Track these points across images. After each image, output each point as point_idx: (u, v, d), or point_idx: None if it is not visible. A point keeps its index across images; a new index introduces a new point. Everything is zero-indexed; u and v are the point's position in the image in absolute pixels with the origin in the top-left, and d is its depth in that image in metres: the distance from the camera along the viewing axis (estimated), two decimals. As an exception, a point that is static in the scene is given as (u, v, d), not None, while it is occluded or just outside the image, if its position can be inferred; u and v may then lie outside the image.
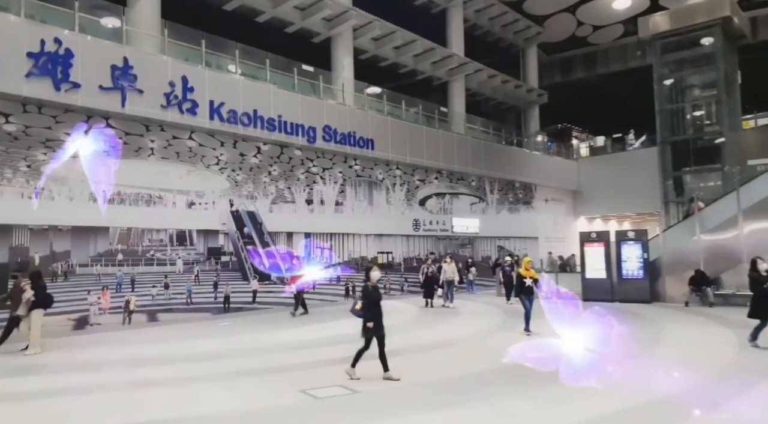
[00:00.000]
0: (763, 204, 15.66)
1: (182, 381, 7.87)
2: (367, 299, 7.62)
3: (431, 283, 17.36)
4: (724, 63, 24.51)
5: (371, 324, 7.44)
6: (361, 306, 7.60)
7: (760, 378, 7.32)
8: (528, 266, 11.79)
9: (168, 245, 15.71)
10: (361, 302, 7.66)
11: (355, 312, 7.68)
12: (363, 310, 7.56)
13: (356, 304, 7.69)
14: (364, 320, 7.51)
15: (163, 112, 14.69)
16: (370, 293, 7.68)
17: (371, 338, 7.52)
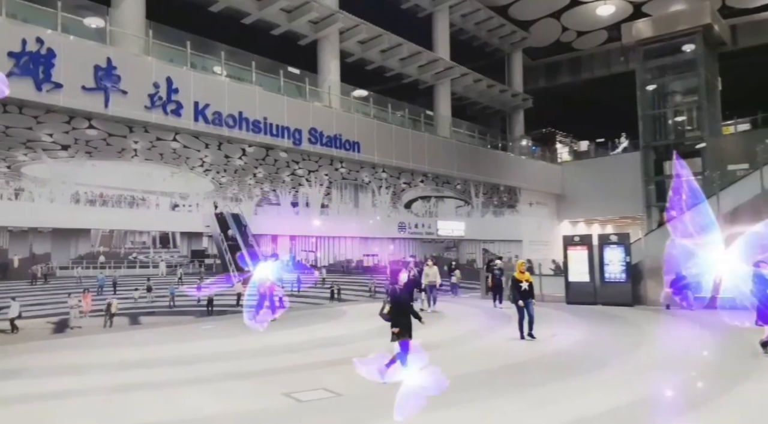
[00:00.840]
0: (742, 209, 15.91)
1: (164, 385, 7.79)
2: (394, 302, 7.39)
3: (413, 287, 16.50)
4: (705, 69, 24.90)
5: (396, 330, 7.24)
6: (389, 309, 7.40)
7: (740, 380, 7.43)
8: (522, 269, 11.20)
9: (151, 248, 15.57)
10: (388, 306, 7.43)
11: (384, 316, 7.46)
12: (390, 314, 7.37)
13: (384, 308, 7.45)
14: (393, 324, 7.31)
15: (147, 113, 14.56)
16: (396, 297, 7.47)
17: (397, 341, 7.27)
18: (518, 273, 11.08)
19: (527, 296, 10.86)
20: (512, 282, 11.18)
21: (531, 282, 10.98)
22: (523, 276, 10.97)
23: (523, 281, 10.90)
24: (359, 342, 11.39)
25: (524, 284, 10.87)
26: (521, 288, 10.86)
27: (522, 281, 10.91)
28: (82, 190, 14.11)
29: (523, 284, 10.88)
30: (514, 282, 11.09)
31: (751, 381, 7.35)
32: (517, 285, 10.93)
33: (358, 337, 12.11)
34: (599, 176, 29.85)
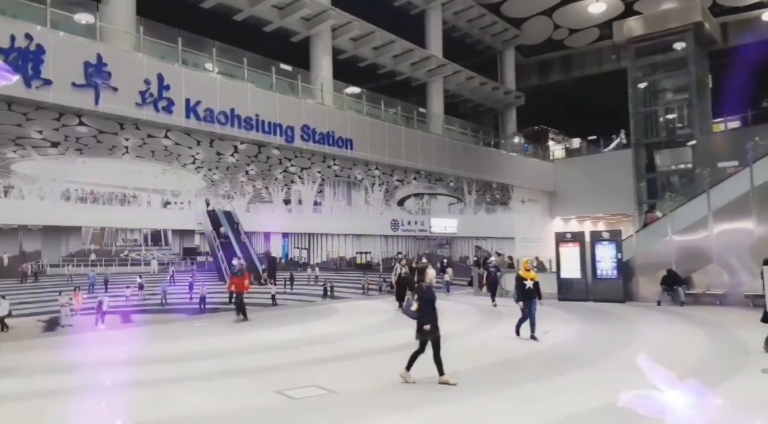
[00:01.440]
0: (732, 205, 16.05)
1: (156, 383, 7.76)
2: (423, 299, 7.23)
3: (404, 285, 16.07)
4: (695, 67, 25.09)
5: (428, 327, 7.09)
6: (418, 307, 7.20)
7: (730, 376, 7.50)
8: (528, 267, 10.68)
9: (142, 245, 15.50)
10: (417, 302, 7.23)
11: (410, 314, 7.29)
12: (419, 311, 7.17)
13: (412, 305, 7.27)
14: (420, 322, 7.15)
15: (138, 110, 14.48)
16: (425, 293, 7.29)
17: (426, 341, 7.18)
18: (523, 271, 10.58)
19: (531, 296, 10.39)
20: (516, 280, 10.63)
21: (537, 281, 10.46)
22: (528, 274, 10.47)
23: (528, 279, 10.39)
24: (352, 339, 11.41)
25: (529, 282, 10.37)
26: (525, 287, 10.37)
27: (527, 280, 10.40)
28: (72, 188, 14.01)
29: (527, 282, 10.37)
30: (518, 280, 10.53)
31: (738, 377, 7.42)
32: (522, 284, 10.42)
33: (351, 334, 12.13)
34: (591, 173, 30.01)
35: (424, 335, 7.14)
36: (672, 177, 27.06)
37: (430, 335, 7.13)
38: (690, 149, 24.86)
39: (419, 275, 7.71)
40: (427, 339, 7.16)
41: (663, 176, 27.09)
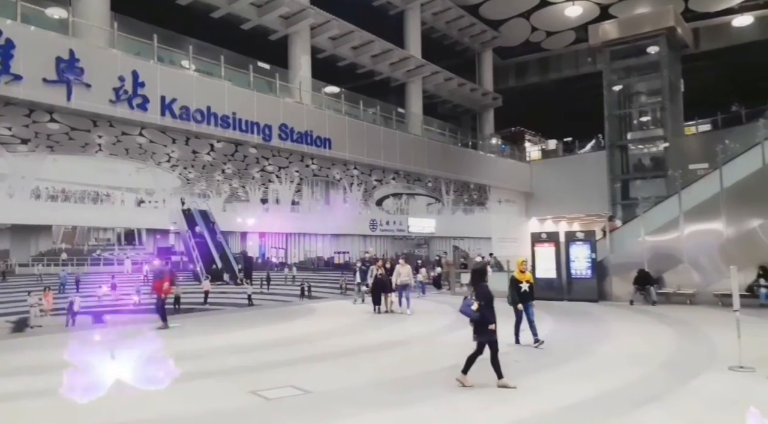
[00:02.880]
0: (702, 207, 16.41)
1: (124, 385, 7.63)
2: (484, 299, 7.01)
3: (381, 287, 15.67)
4: (668, 71, 25.59)
5: (493, 326, 6.92)
6: (478, 307, 6.96)
7: (698, 372, 7.68)
8: (522, 268, 10.09)
9: (116, 245, 15.24)
10: (477, 302, 6.99)
11: (469, 313, 7.05)
12: (479, 311, 6.95)
13: (471, 304, 7.02)
14: (480, 321, 6.95)
15: (112, 107, 14.25)
16: (486, 293, 7.09)
17: (485, 343, 6.98)
18: (518, 273, 10.03)
19: (527, 298, 9.84)
20: (511, 282, 10.03)
21: (532, 283, 9.97)
22: (523, 276, 9.94)
23: (523, 281, 9.86)
24: (329, 339, 11.38)
25: (524, 285, 9.83)
26: (521, 289, 9.83)
27: (522, 282, 9.85)
28: (42, 186, 13.71)
29: (522, 285, 9.83)
30: (513, 283, 9.96)
31: (706, 373, 7.60)
32: (517, 286, 9.86)
33: (327, 334, 12.09)
34: (566, 175, 30.43)
35: (483, 336, 6.94)
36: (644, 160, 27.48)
37: (488, 337, 6.95)
38: (664, 158, 25.36)
39: (480, 275, 7.37)
40: (485, 341, 6.96)
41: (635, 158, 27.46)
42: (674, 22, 25.31)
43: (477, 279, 7.34)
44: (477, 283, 7.27)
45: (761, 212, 15.08)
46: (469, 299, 7.16)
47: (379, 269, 15.92)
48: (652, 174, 26.40)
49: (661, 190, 23.43)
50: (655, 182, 25.98)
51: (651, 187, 26.00)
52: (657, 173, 25.83)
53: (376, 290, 15.64)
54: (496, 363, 7.00)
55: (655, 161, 26.76)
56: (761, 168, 15.24)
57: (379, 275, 15.77)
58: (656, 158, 26.80)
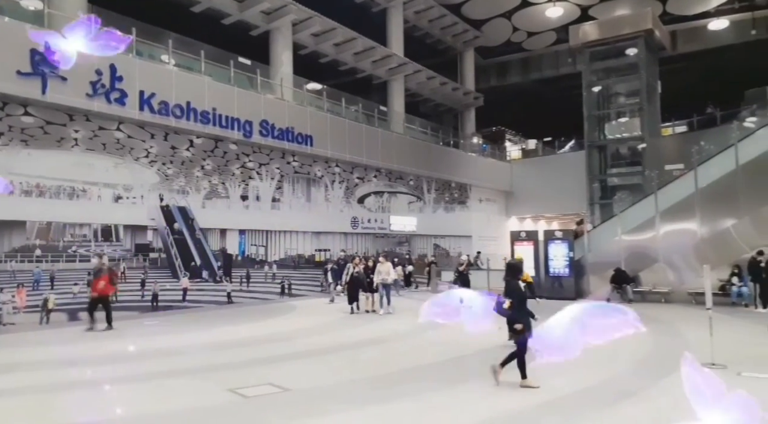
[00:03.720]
0: (677, 207, 16.73)
1: (103, 382, 7.54)
2: (516, 297, 6.99)
3: (357, 286, 15.10)
4: (646, 72, 25.98)
5: (520, 326, 6.86)
6: (510, 305, 6.92)
7: (672, 370, 7.83)
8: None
9: (92, 241, 14.97)
10: (509, 300, 6.94)
11: (503, 312, 6.98)
12: (511, 309, 6.91)
13: (504, 302, 6.96)
14: (512, 319, 6.91)
15: (89, 101, 13.99)
16: (519, 290, 7.04)
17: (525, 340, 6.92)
18: None
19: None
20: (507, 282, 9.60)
21: (531, 283, 9.02)
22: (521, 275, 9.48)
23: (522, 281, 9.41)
24: (308, 337, 11.35)
25: (522, 284, 9.30)
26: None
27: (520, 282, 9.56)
28: (17, 180, 13.40)
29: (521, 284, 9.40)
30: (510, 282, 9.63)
31: (678, 371, 7.73)
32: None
33: (307, 332, 12.06)
34: (546, 174, 30.72)
35: (518, 334, 6.88)
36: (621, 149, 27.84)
37: (517, 336, 6.89)
38: (641, 159, 25.75)
39: (515, 271, 7.25)
40: (520, 339, 6.91)
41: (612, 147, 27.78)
42: (652, 25, 25.69)
43: (511, 275, 7.23)
44: (510, 279, 7.17)
45: (734, 212, 15.42)
46: (501, 297, 7.09)
47: (355, 267, 15.35)
48: (629, 173, 26.78)
49: (638, 190, 23.79)
50: (633, 182, 26.38)
51: (628, 188, 26.43)
52: (634, 173, 26.21)
53: (352, 289, 15.10)
54: (522, 363, 6.90)
55: (633, 161, 27.15)
56: (735, 169, 15.56)
57: (356, 273, 15.19)
58: (634, 158, 27.19)
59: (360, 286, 15.12)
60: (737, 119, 21.61)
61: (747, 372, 7.36)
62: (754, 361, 8.03)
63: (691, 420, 5.69)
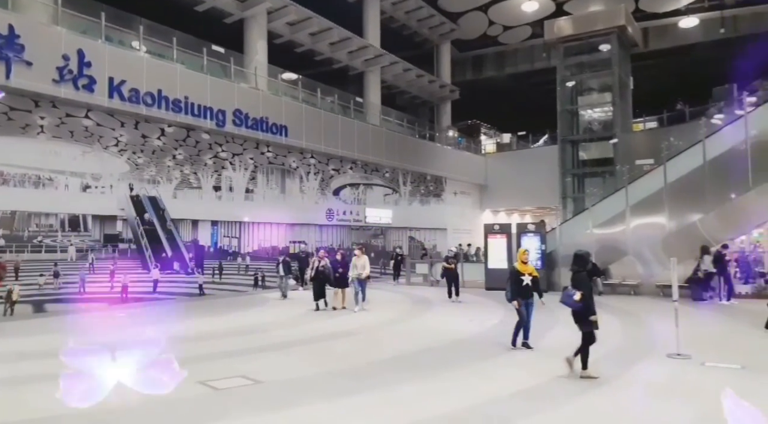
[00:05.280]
0: (647, 201, 17.05)
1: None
2: (586, 288, 6.89)
3: (323, 281, 14.04)
4: (618, 68, 26.35)
5: (595, 317, 6.85)
6: (581, 297, 6.80)
7: (639, 359, 8.00)
8: (524, 258, 8.83)
9: (59, 231, 14.60)
10: (579, 292, 6.83)
11: (572, 303, 6.89)
12: (582, 301, 6.80)
13: (573, 294, 6.86)
14: (583, 312, 6.85)
15: (56, 87, 13.61)
16: (587, 281, 6.93)
17: (593, 331, 6.89)
18: (519, 264, 8.77)
19: (529, 294, 8.63)
20: (511, 275, 8.78)
21: (536, 276, 8.72)
22: (525, 268, 8.69)
23: (526, 274, 8.63)
24: (281, 329, 11.29)
25: (526, 277, 8.59)
26: (522, 283, 8.56)
27: (524, 274, 8.61)
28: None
29: (524, 277, 8.58)
30: (514, 275, 8.69)
31: (646, 361, 7.93)
32: (519, 279, 8.59)
33: (280, 324, 11.99)
34: (520, 168, 31.03)
35: (586, 326, 6.86)
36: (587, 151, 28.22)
37: (589, 327, 6.86)
38: (613, 154, 26.17)
39: (583, 262, 7.12)
40: (590, 330, 6.88)
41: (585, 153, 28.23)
42: (625, 21, 26.04)
43: (579, 266, 7.12)
44: (577, 270, 7.08)
45: (701, 206, 15.79)
46: (569, 290, 7.05)
47: (321, 260, 14.23)
48: (600, 169, 27.20)
49: (609, 185, 24.19)
50: (604, 176, 26.82)
51: (599, 182, 26.86)
52: (605, 168, 26.62)
53: (318, 285, 13.99)
54: (586, 354, 6.90)
55: (604, 156, 27.58)
56: (702, 165, 15.92)
57: (321, 267, 14.05)
58: (605, 154, 27.61)
59: (326, 281, 14.02)
60: (705, 116, 22.12)
61: (711, 362, 7.57)
62: (718, 351, 8.26)
63: (657, 408, 5.85)
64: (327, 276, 14.03)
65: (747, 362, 7.52)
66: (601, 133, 27.19)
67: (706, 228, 15.67)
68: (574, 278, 7.08)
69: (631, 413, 5.76)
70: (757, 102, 17.39)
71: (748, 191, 14.88)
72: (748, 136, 15.16)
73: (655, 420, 5.52)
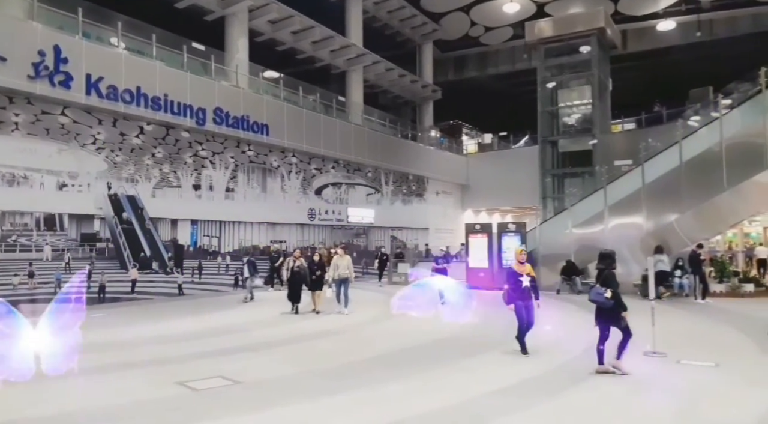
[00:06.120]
0: (625, 201, 17.30)
1: (44, 377, 7.22)
2: (615, 286, 7.04)
3: (299, 282, 13.29)
4: (598, 70, 26.67)
5: (627, 313, 7.04)
6: (613, 294, 6.94)
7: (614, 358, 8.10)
8: (522, 258, 8.33)
9: (34, 230, 14.32)
10: (609, 290, 6.96)
11: (604, 301, 6.99)
12: (613, 298, 6.95)
13: (603, 292, 6.99)
14: (614, 308, 6.99)
15: (31, 83, 13.35)
16: (615, 279, 7.04)
17: (627, 325, 7.04)
18: (516, 264, 8.32)
19: (528, 296, 8.15)
20: (508, 276, 8.39)
21: (534, 277, 8.29)
22: (523, 268, 8.22)
23: (524, 274, 8.14)
24: (261, 329, 11.22)
25: (525, 278, 8.13)
26: (521, 285, 8.10)
27: (522, 275, 8.13)
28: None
29: (523, 278, 8.12)
30: (511, 276, 8.27)
31: (622, 359, 8.02)
32: (517, 280, 8.11)
33: (260, 324, 11.91)
34: (501, 168, 31.25)
35: (621, 322, 7.03)
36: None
37: (624, 323, 7.04)
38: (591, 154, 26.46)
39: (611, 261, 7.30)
40: (624, 325, 7.04)
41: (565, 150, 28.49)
42: (605, 23, 26.36)
43: (605, 264, 7.26)
44: (604, 268, 7.21)
45: (678, 207, 16.05)
46: (597, 288, 7.14)
47: (297, 260, 13.44)
48: (580, 169, 27.50)
49: (588, 185, 24.47)
50: (583, 177, 27.12)
51: (578, 182, 27.16)
52: (585, 169, 26.92)
53: (293, 287, 13.24)
54: (623, 347, 7.05)
55: (583, 157, 27.88)
56: (679, 166, 16.19)
57: (296, 268, 13.28)
58: (584, 154, 27.92)
59: (303, 282, 13.28)
60: (682, 118, 22.48)
61: (685, 360, 7.71)
62: (693, 349, 8.42)
63: (634, 405, 5.94)
64: (303, 277, 13.26)
65: (720, 360, 7.67)
66: (581, 130, 27.43)
67: (683, 228, 15.94)
68: (602, 276, 7.18)
69: (609, 409, 5.84)
70: (731, 104, 17.73)
71: (723, 192, 15.17)
72: (723, 137, 15.45)
73: (631, 416, 5.61)
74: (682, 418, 5.52)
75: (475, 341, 9.61)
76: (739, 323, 11.02)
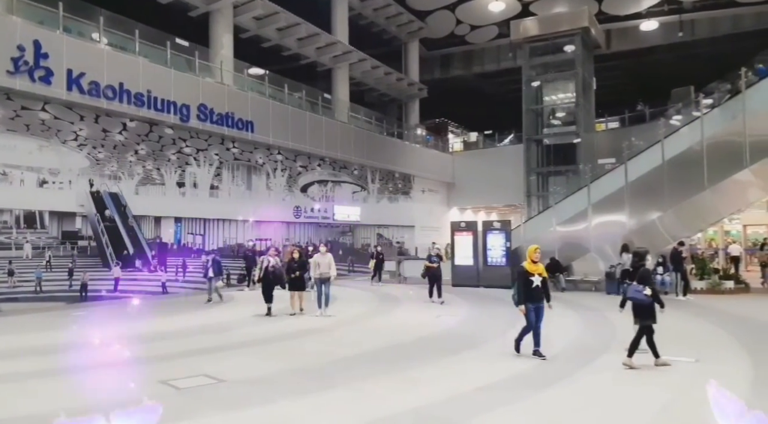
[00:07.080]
0: (609, 199, 17.49)
1: (26, 377, 7.13)
2: (651, 283, 7.19)
3: (273, 282, 12.74)
4: (582, 69, 26.90)
5: (663, 309, 7.22)
6: (652, 292, 7.15)
7: (600, 353, 8.20)
8: (535, 257, 7.94)
9: (13, 228, 14.09)
10: (648, 288, 7.14)
11: (644, 299, 7.15)
12: (653, 296, 7.15)
13: (642, 290, 7.16)
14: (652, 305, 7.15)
15: (10, 78, 13.15)
16: (652, 278, 7.19)
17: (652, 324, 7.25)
18: (528, 263, 7.94)
19: (538, 298, 7.83)
20: (519, 276, 7.99)
21: (546, 277, 7.96)
22: (535, 268, 7.86)
23: (535, 274, 7.82)
24: (245, 328, 11.16)
25: (536, 278, 7.79)
26: (532, 284, 7.77)
27: (534, 275, 7.80)
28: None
29: (534, 278, 7.78)
30: (521, 276, 7.88)
31: (606, 355, 8.12)
32: (528, 280, 7.79)
33: (244, 322, 11.85)
34: (486, 166, 31.40)
35: (652, 318, 7.21)
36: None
37: (655, 320, 7.21)
38: (575, 153, 26.69)
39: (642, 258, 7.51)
40: (652, 323, 7.22)
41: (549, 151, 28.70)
42: (589, 23, 26.59)
43: (640, 260, 7.55)
44: (639, 266, 7.41)
45: (660, 205, 16.27)
46: (635, 285, 7.30)
47: (272, 259, 12.89)
48: (564, 168, 27.75)
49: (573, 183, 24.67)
50: (567, 175, 27.35)
51: (563, 180, 27.39)
52: (569, 167, 27.16)
53: (267, 287, 12.65)
54: (636, 343, 7.25)
55: (568, 155, 28.11)
56: (661, 165, 16.40)
57: (271, 267, 12.71)
58: (568, 152, 28.16)
59: (278, 282, 12.71)
60: (664, 117, 22.77)
61: (666, 356, 7.80)
62: (674, 345, 8.51)
63: (620, 402, 6.01)
64: (278, 277, 12.63)
65: (701, 356, 7.80)
66: (565, 126, 27.62)
67: (665, 226, 16.16)
68: (636, 273, 7.34)
69: (592, 404, 5.90)
70: (713, 104, 17.99)
71: (704, 190, 15.39)
72: (704, 137, 15.67)
73: (614, 411, 5.67)
74: (665, 411, 5.59)
75: (460, 338, 9.64)
76: (719, 319, 11.20)
